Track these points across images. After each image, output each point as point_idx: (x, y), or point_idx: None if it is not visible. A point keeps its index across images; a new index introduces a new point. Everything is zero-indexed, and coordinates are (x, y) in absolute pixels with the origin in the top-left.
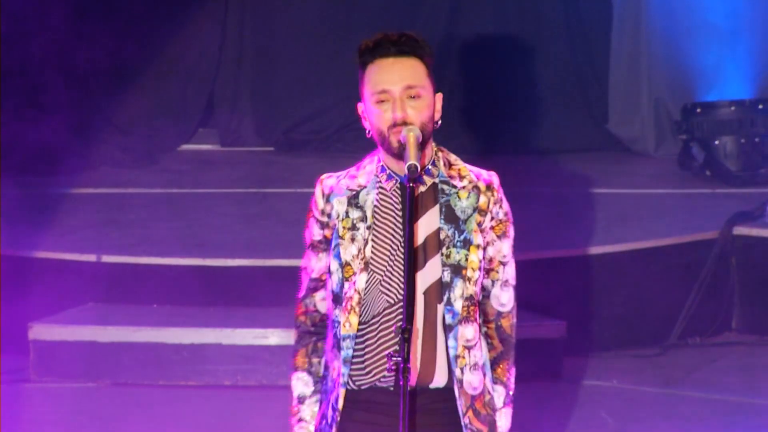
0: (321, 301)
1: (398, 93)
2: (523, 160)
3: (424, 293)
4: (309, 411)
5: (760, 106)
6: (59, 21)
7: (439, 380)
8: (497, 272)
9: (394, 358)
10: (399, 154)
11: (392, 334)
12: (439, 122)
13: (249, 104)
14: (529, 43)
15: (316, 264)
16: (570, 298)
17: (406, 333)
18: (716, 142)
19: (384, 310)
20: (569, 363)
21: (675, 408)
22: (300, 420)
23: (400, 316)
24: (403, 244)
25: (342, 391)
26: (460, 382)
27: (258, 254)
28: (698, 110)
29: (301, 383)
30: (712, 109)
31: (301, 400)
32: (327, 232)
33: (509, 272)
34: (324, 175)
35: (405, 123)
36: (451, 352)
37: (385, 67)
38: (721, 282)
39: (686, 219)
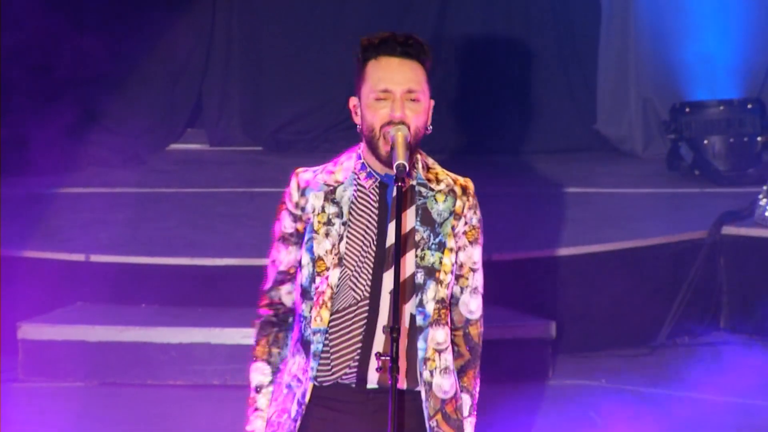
0: (287, 294)
1: (399, 94)
2: (510, 160)
3: (390, 292)
4: (264, 400)
5: (749, 106)
6: (48, 20)
7: (405, 381)
8: (467, 278)
9: (383, 358)
10: (387, 152)
11: (356, 331)
12: (430, 128)
13: (237, 104)
14: (517, 43)
15: (285, 257)
16: (558, 298)
17: (394, 332)
18: (705, 142)
19: (349, 306)
20: (558, 362)
21: (663, 408)
22: (256, 409)
23: (365, 314)
24: (375, 243)
25: (310, 386)
26: (429, 384)
27: (246, 254)
28: (687, 110)
29: (259, 373)
30: (700, 108)
31: (258, 389)
32: (299, 226)
33: (479, 279)
34: (300, 169)
35: (402, 123)
36: (420, 354)
37: (389, 67)
38: (710, 282)
39: (675, 219)
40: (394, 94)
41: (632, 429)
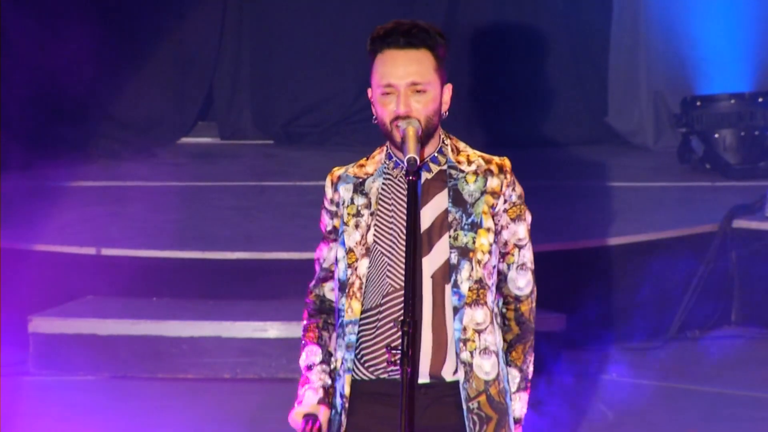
0: (330, 291)
1: (403, 88)
2: (521, 153)
3: (432, 276)
4: (316, 377)
5: (760, 99)
6: (60, 13)
7: (451, 368)
8: (512, 255)
9: (394, 351)
10: (400, 146)
11: (394, 322)
12: (446, 114)
13: (248, 97)
14: (527, 36)
15: (327, 254)
16: (569, 291)
17: (406, 326)
18: (716, 135)
19: (388, 295)
20: (568, 356)
21: (674, 401)
22: (307, 381)
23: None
24: (407, 230)
25: (348, 378)
26: (470, 365)
27: (257, 247)
28: (698, 103)
29: (311, 354)
30: (711, 102)
31: (310, 367)
32: (336, 222)
33: (526, 255)
34: (336, 167)
35: (407, 117)
36: (456, 335)
37: (392, 60)
38: (721, 275)
39: (685, 212)
40: (398, 88)
41: (643, 423)
